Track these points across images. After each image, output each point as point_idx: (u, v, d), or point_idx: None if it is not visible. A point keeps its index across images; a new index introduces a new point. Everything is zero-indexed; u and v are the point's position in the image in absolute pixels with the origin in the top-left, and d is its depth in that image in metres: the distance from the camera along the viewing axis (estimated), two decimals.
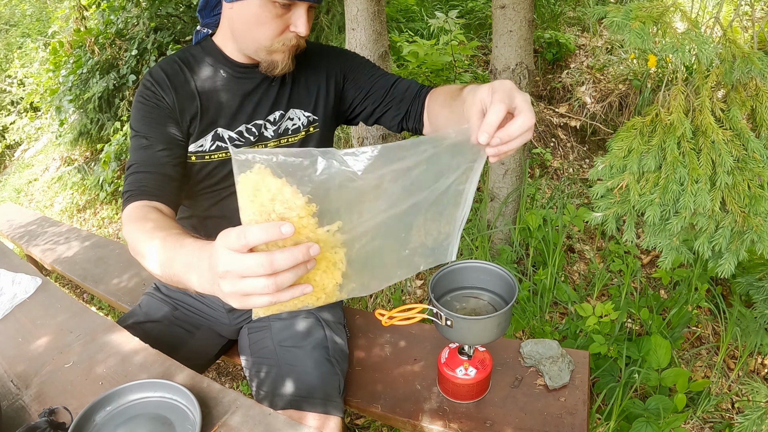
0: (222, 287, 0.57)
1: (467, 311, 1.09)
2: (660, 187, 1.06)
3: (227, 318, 1.29)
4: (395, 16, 3.98)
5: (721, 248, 1.05)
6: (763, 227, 1.01)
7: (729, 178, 1.04)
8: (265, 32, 0.97)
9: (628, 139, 1.11)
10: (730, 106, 1.07)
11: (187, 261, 0.68)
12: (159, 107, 1.03)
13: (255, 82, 1.09)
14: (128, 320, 1.21)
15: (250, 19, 0.96)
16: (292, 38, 0.99)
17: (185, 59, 1.08)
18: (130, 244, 0.85)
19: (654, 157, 1.08)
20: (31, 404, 0.90)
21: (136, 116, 1.04)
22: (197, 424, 0.77)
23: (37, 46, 5.49)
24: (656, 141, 1.09)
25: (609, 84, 3.37)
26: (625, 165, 1.11)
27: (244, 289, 0.56)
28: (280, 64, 1.02)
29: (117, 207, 4.25)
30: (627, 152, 1.11)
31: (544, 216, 2.30)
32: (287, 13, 0.96)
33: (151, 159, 1.01)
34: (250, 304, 0.58)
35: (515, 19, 2.06)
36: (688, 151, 1.06)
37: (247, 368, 1.19)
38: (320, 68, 1.16)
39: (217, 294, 0.61)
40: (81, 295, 2.95)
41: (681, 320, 1.90)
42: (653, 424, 1.47)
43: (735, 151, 1.05)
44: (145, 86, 1.04)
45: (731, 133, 1.06)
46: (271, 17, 0.95)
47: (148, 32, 4.10)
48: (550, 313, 2.10)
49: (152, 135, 1.02)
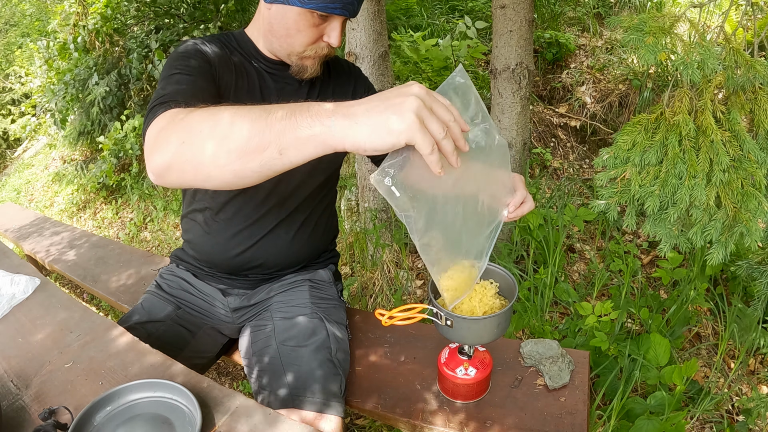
0: (408, 102, 0.59)
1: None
2: (660, 180, 1.14)
3: (230, 317, 1.30)
4: (395, 15, 3.98)
5: (712, 239, 1.13)
6: (752, 222, 1.09)
7: (724, 176, 1.11)
8: (300, 39, 1.00)
9: (633, 134, 1.19)
10: (730, 108, 1.14)
11: (296, 104, 0.63)
12: (203, 57, 1.00)
13: (286, 81, 1.12)
14: (130, 320, 1.20)
15: (288, 24, 0.99)
16: (324, 47, 1.03)
17: (223, 38, 1.09)
18: (181, 126, 0.68)
19: (656, 151, 1.15)
20: (31, 404, 0.90)
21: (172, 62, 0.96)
22: (197, 424, 0.77)
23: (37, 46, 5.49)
24: (659, 137, 1.15)
25: (609, 84, 3.37)
26: (628, 157, 1.19)
27: (425, 117, 0.59)
28: (310, 69, 1.06)
29: (117, 207, 4.25)
30: (631, 145, 1.18)
31: (545, 215, 2.31)
32: (323, 24, 0.99)
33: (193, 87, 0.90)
34: (416, 128, 0.59)
35: (515, 19, 2.06)
36: (688, 148, 1.13)
37: (248, 367, 1.19)
38: (348, 84, 1.22)
39: (379, 112, 0.60)
40: (81, 295, 2.95)
41: (680, 319, 1.91)
42: (654, 421, 1.47)
43: (732, 151, 1.12)
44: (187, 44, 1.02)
45: (729, 134, 1.12)
46: (308, 26, 0.98)
47: (149, 32, 4.10)
48: (550, 312, 2.10)
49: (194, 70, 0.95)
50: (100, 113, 4.13)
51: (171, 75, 0.92)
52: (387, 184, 0.65)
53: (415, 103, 0.59)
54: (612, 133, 3.24)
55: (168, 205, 3.81)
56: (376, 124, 0.59)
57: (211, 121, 0.65)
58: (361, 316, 1.48)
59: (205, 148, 0.64)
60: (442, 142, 0.61)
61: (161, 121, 0.73)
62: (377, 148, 0.60)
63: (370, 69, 2.21)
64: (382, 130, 0.59)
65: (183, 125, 0.68)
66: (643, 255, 2.42)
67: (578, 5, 4.01)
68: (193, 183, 0.69)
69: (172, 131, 0.69)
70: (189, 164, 0.66)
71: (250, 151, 0.62)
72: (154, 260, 2.25)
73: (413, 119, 0.58)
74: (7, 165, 6.66)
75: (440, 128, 0.60)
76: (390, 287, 2.35)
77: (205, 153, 0.64)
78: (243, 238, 1.20)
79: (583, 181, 2.94)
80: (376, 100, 0.61)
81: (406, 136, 0.59)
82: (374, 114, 0.59)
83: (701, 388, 1.70)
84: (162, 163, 0.69)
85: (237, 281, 1.28)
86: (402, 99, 0.59)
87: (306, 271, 1.32)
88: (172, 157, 0.67)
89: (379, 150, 0.60)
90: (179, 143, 0.67)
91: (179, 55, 0.98)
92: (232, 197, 1.16)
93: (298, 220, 1.24)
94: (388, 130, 0.58)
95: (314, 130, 0.60)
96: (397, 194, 0.66)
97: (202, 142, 0.65)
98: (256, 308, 1.29)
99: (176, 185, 0.72)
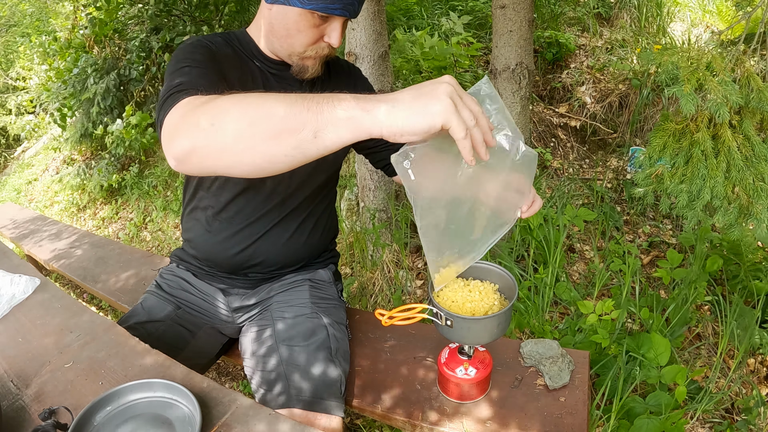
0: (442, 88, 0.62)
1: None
2: (687, 178, 1.40)
3: (230, 317, 1.30)
4: (395, 15, 3.98)
5: (731, 221, 1.37)
6: (762, 214, 1.32)
7: (739, 174, 1.33)
8: (301, 39, 1.00)
9: (664, 137, 1.46)
10: (743, 117, 1.38)
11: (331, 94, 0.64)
12: (209, 51, 1.00)
13: (287, 81, 1.12)
14: (131, 320, 1.20)
15: (288, 25, 0.99)
16: (325, 48, 1.03)
17: (225, 37, 1.09)
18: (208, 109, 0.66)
19: (683, 155, 1.42)
20: (31, 404, 0.90)
21: (178, 56, 0.95)
22: (197, 424, 0.77)
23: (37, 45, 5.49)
24: (685, 143, 1.41)
25: (609, 84, 3.37)
26: (660, 157, 1.45)
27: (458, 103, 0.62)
28: (311, 69, 1.06)
29: (117, 207, 4.25)
30: (662, 147, 1.45)
31: (545, 215, 2.30)
32: (324, 24, 0.99)
33: (203, 78, 0.89)
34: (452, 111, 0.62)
35: (515, 19, 2.06)
36: (709, 154, 1.37)
37: (248, 367, 1.19)
38: (348, 84, 1.22)
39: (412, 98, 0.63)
40: (81, 295, 2.95)
41: (680, 319, 1.90)
42: (654, 420, 1.47)
43: (745, 151, 1.34)
44: (191, 40, 1.03)
45: (743, 138, 1.36)
46: (308, 26, 0.98)
47: (149, 32, 4.09)
48: (550, 312, 2.10)
49: (202, 63, 0.94)
50: (100, 113, 4.12)
51: (181, 68, 0.91)
52: (405, 166, 0.70)
53: (448, 88, 0.63)
54: (612, 133, 3.24)
55: (168, 205, 3.81)
56: (413, 107, 0.62)
57: (243, 103, 0.64)
58: (361, 316, 1.48)
59: (238, 128, 0.62)
60: (473, 129, 0.64)
61: (183, 107, 0.72)
62: (415, 131, 0.62)
63: (370, 69, 2.21)
64: (420, 113, 0.61)
65: (210, 107, 0.66)
66: (643, 255, 2.42)
67: (578, 5, 4.01)
68: (215, 168, 0.68)
69: (201, 114, 0.66)
70: (216, 147, 0.64)
71: (285, 132, 0.61)
72: (154, 260, 2.25)
73: (449, 102, 0.62)
74: (7, 165, 6.66)
75: (471, 116, 0.64)
76: (390, 287, 2.35)
77: (237, 134, 0.62)
78: (243, 237, 1.20)
79: (582, 180, 2.94)
80: (410, 89, 0.64)
81: (443, 118, 0.61)
82: (411, 99, 0.63)
83: (701, 387, 1.70)
84: (186, 147, 0.67)
85: (237, 281, 1.28)
86: (436, 86, 0.63)
87: (306, 270, 1.32)
88: (198, 140, 0.65)
89: (417, 133, 0.62)
90: (208, 125, 0.64)
91: (186, 49, 0.98)
92: (235, 196, 1.16)
93: (298, 220, 1.24)
94: (426, 112, 0.61)
95: (352, 113, 0.62)
96: (412, 177, 0.70)
97: (234, 123, 0.63)
98: (257, 308, 1.29)
99: (197, 172, 0.71)
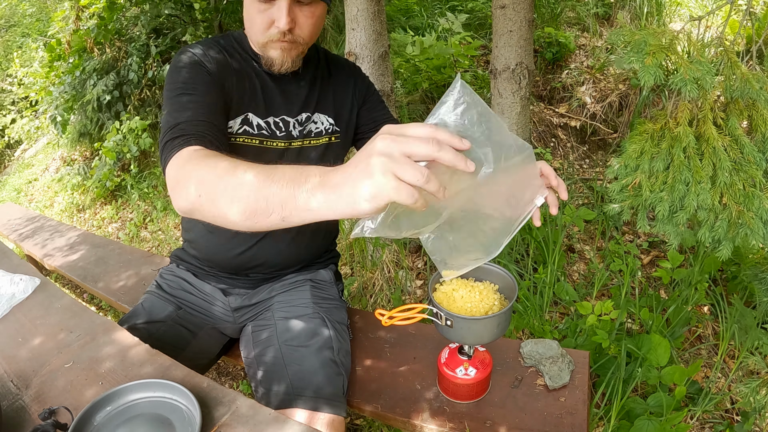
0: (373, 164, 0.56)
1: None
2: (668, 186, 1.21)
3: (231, 317, 1.29)
4: (395, 16, 3.98)
5: (720, 237, 1.20)
6: (755, 222, 1.16)
7: (727, 178, 1.17)
8: (255, 27, 1.02)
9: (641, 142, 1.27)
10: (729, 115, 1.21)
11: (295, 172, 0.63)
12: (204, 69, 1.02)
13: (284, 80, 1.13)
14: (131, 320, 1.20)
15: (248, 15, 1.02)
16: (275, 33, 1.02)
17: (220, 41, 1.11)
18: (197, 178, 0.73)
19: (663, 159, 1.23)
20: (31, 404, 0.90)
21: (175, 78, 0.99)
22: (197, 424, 0.77)
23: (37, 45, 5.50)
24: (665, 146, 1.23)
25: (609, 84, 3.37)
26: (637, 165, 1.26)
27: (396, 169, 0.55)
28: (277, 60, 1.05)
29: (117, 207, 4.25)
30: (639, 153, 1.26)
31: (545, 215, 2.30)
32: (270, 8, 0.99)
33: (202, 108, 0.94)
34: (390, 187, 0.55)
35: (515, 19, 2.07)
36: (692, 155, 1.20)
37: (249, 367, 1.19)
38: (348, 83, 1.22)
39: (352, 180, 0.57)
40: (81, 295, 2.95)
41: (680, 320, 1.90)
42: (654, 421, 1.47)
43: (732, 154, 1.18)
44: (186, 55, 1.04)
45: (730, 139, 1.19)
46: (256, 12, 1.00)
47: (149, 33, 4.09)
48: (550, 312, 2.10)
49: (199, 87, 0.98)
50: (98, 112, 4.12)
51: (177, 96, 0.95)
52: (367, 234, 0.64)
53: (378, 161, 0.56)
54: (612, 133, 3.24)
55: (168, 205, 3.81)
56: (353, 195, 0.57)
57: (222, 183, 0.69)
58: (361, 316, 1.48)
59: (220, 205, 0.69)
60: (426, 185, 0.56)
61: (179, 161, 0.80)
62: (367, 214, 0.59)
63: (370, 69, 2.21)
64: (361, 200, 0.57)
65: (199, 178, 0.73)
66: (643, 255, 2.42)
67: (578, 5, 4.01)
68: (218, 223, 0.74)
69: (190, 181, 0.74)
70: (209, 213, 0.72)
71: (258, 214, 0.66)
72: (154, 260, 2.25)
73: (382, 180, 0.55)
74: (7, 165, 6.66)
75: (417, 173, 0.55)
76: (390, 287, 2.35)
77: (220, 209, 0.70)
78: (246, 238, 1.20)
79: (582, 180, 2.94)
80: (350, 166, 0.59)
81: (385, 198, 0.56)
82: (349, 184, 0.58)
83: (701, 388, 1.70)
84: (185, 207, 0.75)
85: (238, 281, 1.28)
86: (366, 162, 0.57)
87: (307, 270, 1.33)
88: (193, 205, 0.73)
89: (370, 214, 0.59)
90: (197, 195, 0.72)
91: (179, 70, 1.00)
92: None
93: None
94: (365, 198, 0.57)
95: (310, 205, 0.61)
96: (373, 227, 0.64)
97: (217, 199, 0.70)
98: (257, 308, 1.29)
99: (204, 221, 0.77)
